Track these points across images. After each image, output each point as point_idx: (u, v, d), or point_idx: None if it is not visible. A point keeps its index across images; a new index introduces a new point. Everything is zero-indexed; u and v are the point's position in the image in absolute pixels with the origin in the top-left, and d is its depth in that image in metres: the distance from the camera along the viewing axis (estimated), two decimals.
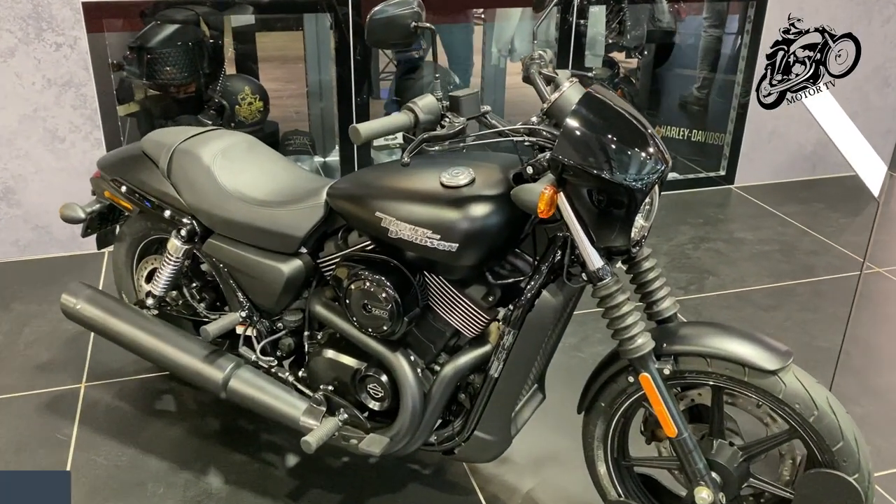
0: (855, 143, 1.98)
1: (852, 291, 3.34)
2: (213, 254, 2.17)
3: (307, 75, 4.64)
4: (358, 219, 1.90)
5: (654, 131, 1.66)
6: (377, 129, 1.54)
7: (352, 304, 1.90)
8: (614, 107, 1.64)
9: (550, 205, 1.59)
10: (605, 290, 1.69)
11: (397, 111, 1.63)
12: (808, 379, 1.66)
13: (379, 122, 1.56)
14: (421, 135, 1.57)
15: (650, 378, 1.69)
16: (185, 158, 2.19)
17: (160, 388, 2.62)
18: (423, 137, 1.56)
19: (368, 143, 3.95)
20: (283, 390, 2.11)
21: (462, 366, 1.90)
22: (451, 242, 1.73)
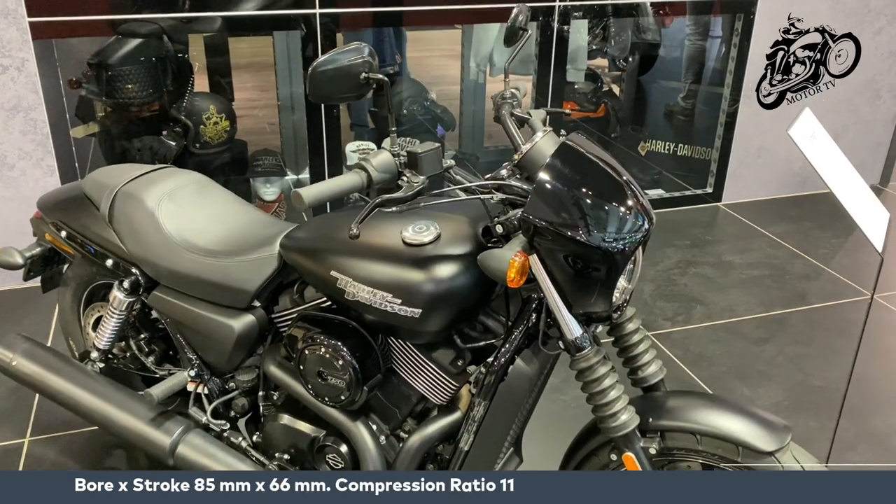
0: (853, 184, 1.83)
1: (847, 321, 3.21)
2: (159, 307, 1.99)
3: (278, 88, 4.45)
4: (312, 276, 1.72)
5: (636, 185, 1.49)
6: (325, 192, 1.37)
7: (306, 371, 1.72)
8: (593, 160, 1.47)
9: (522, 273, 1.42)
10: (584, 361, 1.52)
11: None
12: (808, 459, 1.50)
13: (327, 184, 1.38)
14: (374, 199, 1.39)
15: (634, 458, 1.53)
16: (127, 202, 2.01)
17: (110, 443, 2.44)
18: (376, 202, 1.39)
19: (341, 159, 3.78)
20: (235, 458, 1.93)
21: (429, 436, 1.73)
22: (414, 308, 1.56)
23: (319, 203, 1.36)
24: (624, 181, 1.47)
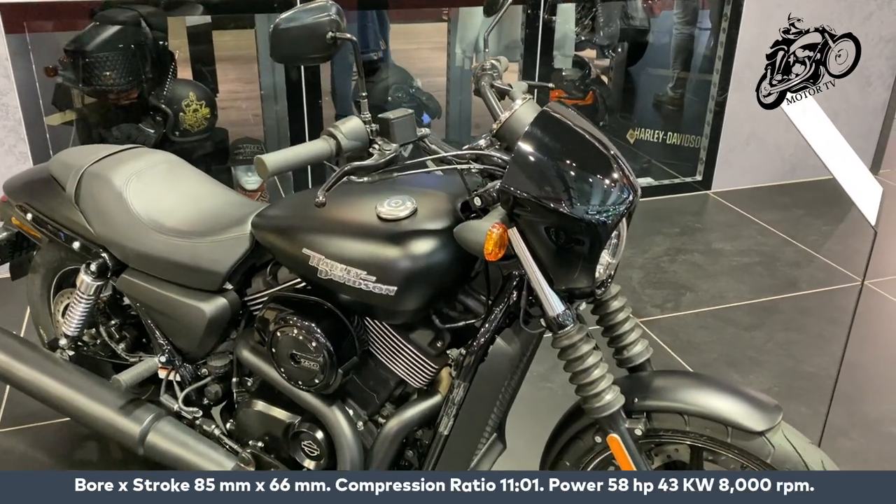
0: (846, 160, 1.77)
1: (838, 308, 3.16)
2: (127, 291, 1.92)
3: (260, 77, 4.37)
4: (284, 255, 1.65)
5: (620, 155, 1.43)
6: (289, 160, 1.29)
7: (279, 354, 1.65)
8: (573, 127, 1.40)
9: (500, 245, 1.36)
10: (567, 339, 1.46)
11: None
12: (800, 440, 1.44)
13: (292, 150, 1.31)
14: (343, 167, 1.32)
15: (619, 440, 1.46)
16: (94, 183, 1.93)
17: (82, 434, 2.36)
18: (345, 170, 1.32)
19: None
20: (208, 446, 1.86)
21: (408, 420, 1.66)
22: (390, 285, 1.49)
23: (283, 171, 1.29)
24: (607, 150, 1.41)
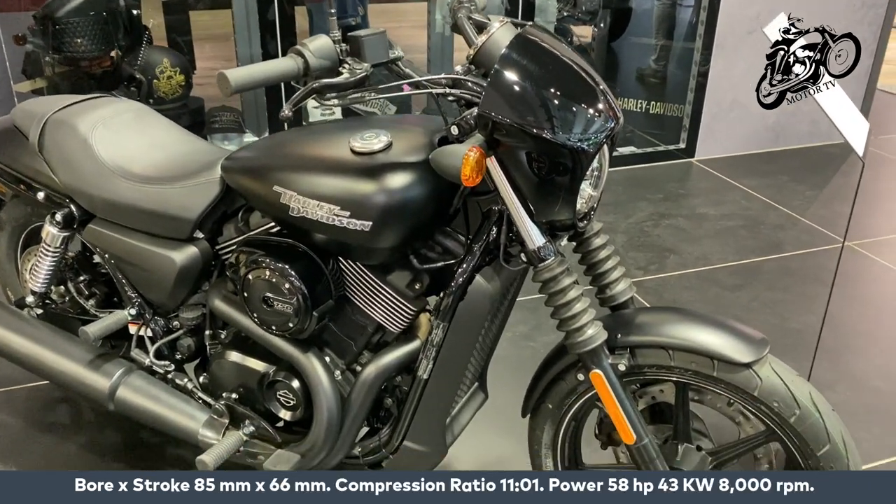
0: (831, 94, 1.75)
1: (822, 268, 3.14)
2: (95, 241, 1.85)
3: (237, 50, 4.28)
4: (255, 196, 1.59)
5: (601, 79, 1.38)
6: (254, 76, 1.24)
7: (250, 298, 1.60)
8: (552, 50, 1.35)
9: (478, 170, 1.30)
10: (548, 272, 1.42)
11: None
12: (788, 372, 1.41)
13: (258, 66, 1.25)
14: (310, 83, 1.26)
15: (602, 375, 1.42)
16: (58, 130, 1.86)
17: (54, 398, 2.29)
18: (313, 87, 1.26)
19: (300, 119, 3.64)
20: (180, 399, 1.81)
21: (386, 365, 1.61)
22: (364, 220, 1.44)
23: (247, 87, 1.23)
24: (587, 74, 1.36)
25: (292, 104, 1.26)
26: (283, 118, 1.25)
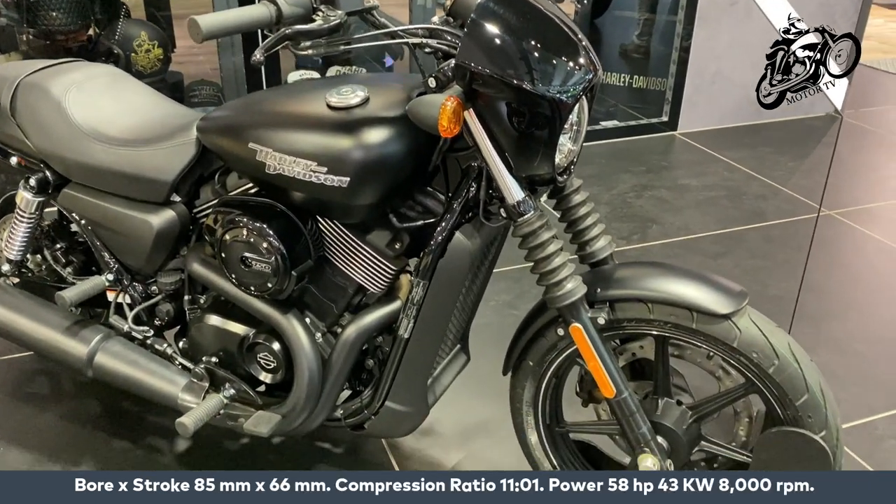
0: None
1: (804, 236, 3.16)
2: (70, 206, 1.83)
3: None
4: (231, 155, 1.57)
5: (579, 30, 1.37)
6: (226, 23, 1.22)
7: (228, 259, 1.58)
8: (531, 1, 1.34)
9: (455, 121, 1.29)
10: (528, 226, 1.41)
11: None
12: (767, 323, 1.41)
13: (230, 13, 1.23)
14: (283, 29, 1.24)
15: (582, 329, 1.42)
16: (31, 93, 1.83)
17: (32, 369, 2.27)
18: (286, 33, 1.24)
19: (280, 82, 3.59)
20: (159, 364, 1.79)
21: (366, 326, 1.60)
22: (342, 176, 1.42)
23: (218, 34, 1.21)
24: (565, 25, 1.35)
25: (264, 49, 1.24)
26: (254, 62, 1.23)
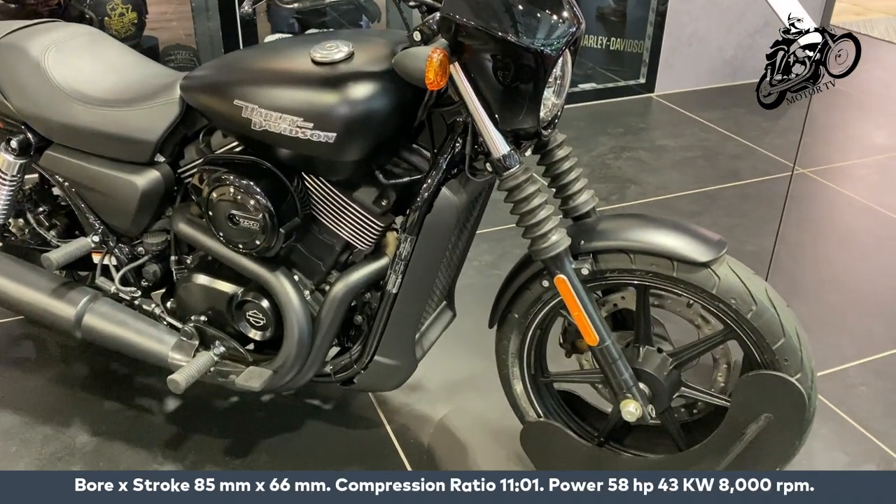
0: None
1: (778, 194, 3.22)
2: (53, 168, 1.82)
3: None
4: (216, 113, 1.58)
5: None
6: None
7: (216, 217, 1.59)
8: None
9: (441, 73, 1.31)
10: (513, 180, 1.44)
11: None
12: (744, 270, 1.46)
13: None
14: None
15: (566, 280, 1.46)
16: (8, 54, 1.81)
17: (18, 333, 2.27)
18: None
19: None
20: (148, 324, 1.81)
21: (355, 282, 1.63)
22: (328, 132, 1.44)
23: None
24: None
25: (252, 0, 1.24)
26: (243, 13, 1.24)
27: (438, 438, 1.95)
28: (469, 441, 1.94)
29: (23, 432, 1.92)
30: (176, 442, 1.91)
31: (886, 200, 3.19)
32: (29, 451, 1.87)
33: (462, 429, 1.97)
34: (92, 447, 1.88)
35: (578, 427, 1.76)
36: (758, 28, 4.35)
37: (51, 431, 1.93)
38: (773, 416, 1.47)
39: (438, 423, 1.99)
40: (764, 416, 1.47)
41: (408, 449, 1.90)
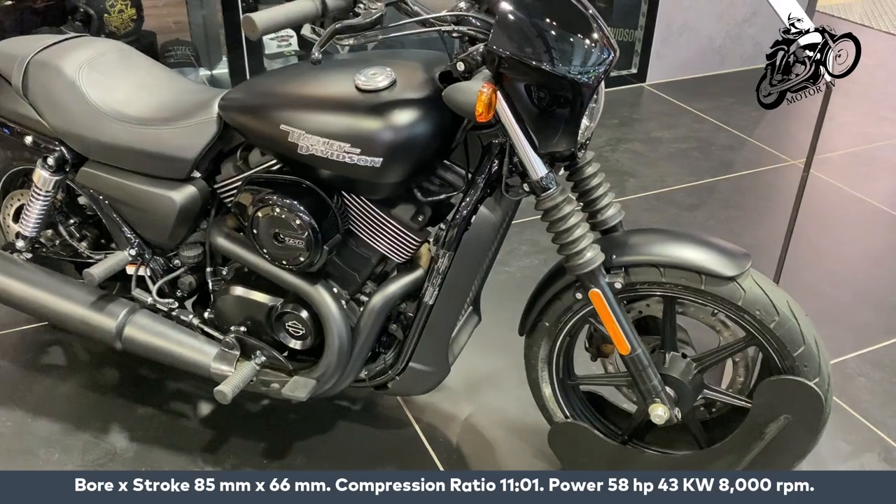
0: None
1: (770, 185, 3.33)
2: (90, 184, 1.86)
3: None
4: (259, 134, 1.63)
5: (598, 14, 1.45)
6: (277, 19, 1.27)
7: (260, 235, 1.65)
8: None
9: (490, 106, 1.38)
10: (550, 201, 1.51)
11: None
12: (767, 283, 1.55)
13: (280, 9, 1.28)
14: (332, 25, 1.30)
15: (601, 294, 1.54)
16: (43, 73, 1.84)
17: (45, 340, 2.31)
18: (336, 28, 1.30)
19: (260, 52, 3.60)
20: (187, 335, 1.86)
21: (392, 294, 1.70)
22: (375, 157, 1.50)
23: (272, 30, 1.27)
24: (586, 10, 1.43)
25: (319, 46, 1.30)
26: (313, 61, 1.29)
27: (465, 437, 2.04)
28: (494, 439, 2.03)
29: (63, 440, 1.98)
30: (213, 445, 1.98)
31: (873, 190, 3.32)
32: (71, 458, 1.93)
33: (486, 427, 2.07)
34: (132, 453, 1.95)
35: (602, 426, 1.86)
36: (746, 17, 4.44)
37: (90, 438, 1.99)
38: (791, 416, 1.57)
39: (464, 422, 2.08)
40: (783, 417, 1.58)
41: (437, 447, 1.99)
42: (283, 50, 3.71)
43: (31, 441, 1.97)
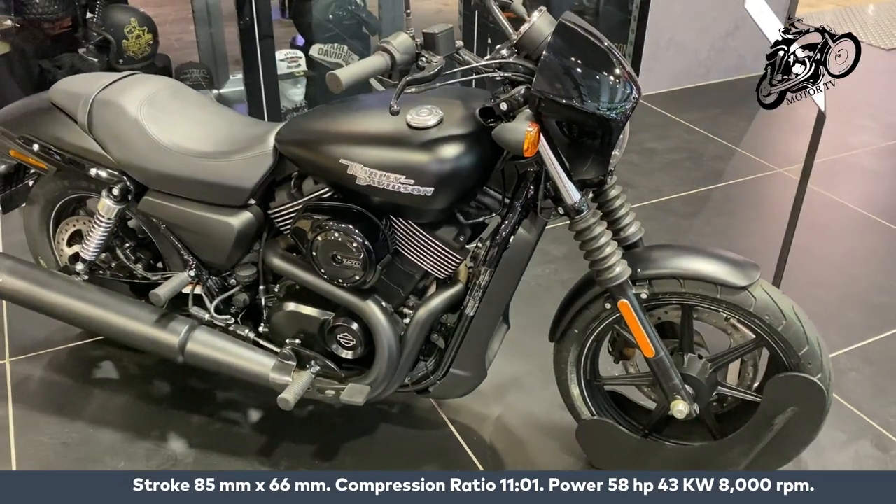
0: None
1: (759, 193, 3.55)
2: (151, 212, 2.02)
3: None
4: (318, 166, 1.80)
5: (623, 58, 1.65)
6: (357, 73, 1.45)
7: (319, 257, 1.83)
8: (587, 36, 1.60)
9: (535, 143, 1.57)
10: (583, 222, 1.70)
11: None
12: (775, 291, 1.75)
13: (357, 66, 1.46)
14: (405, 78, 1.49)
15: (629, 304, 1.74)
16: (107, 110, 2.00)
17: (95, 356, 2.46)
18: (408, 80, 1.49)
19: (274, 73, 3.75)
20: (246, 348, 2.03)
21: (436, 308, 1.89)
22: (427, 186, 1.68)
23: (354, 83, 1.45)
24: (615, 54, 1.62)
25: (396, 97, 1.48)
26: (392, 112, 1.47)
27: (498, 436, 2.22)
28: (525, 437, 2.21)
29: (126, 448, 2.13)
30: (266, 450, 2.14)
31: (854, 196, 3.55)
32: (136, 465, 2.08)
33: (517, 426, 2.25)
34: (192, 458, 2.11)
35: (625, 422, 2.05)
36: (729, 31, 4.67)
37: (151, 446, 2.14)
38: (798, 409, 1.77)
39: (496, 422, 2.26)
40: (790, 409, 1.78)
41: (473, 447, 2.17)
42: (293, 71, 3.87)
43: (97, 450, 2.12)
